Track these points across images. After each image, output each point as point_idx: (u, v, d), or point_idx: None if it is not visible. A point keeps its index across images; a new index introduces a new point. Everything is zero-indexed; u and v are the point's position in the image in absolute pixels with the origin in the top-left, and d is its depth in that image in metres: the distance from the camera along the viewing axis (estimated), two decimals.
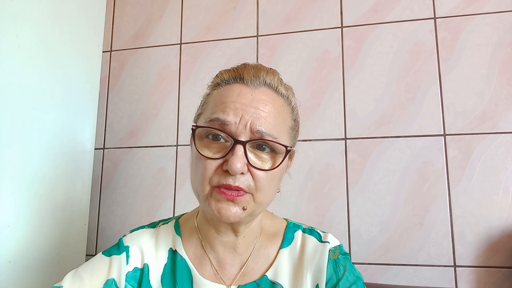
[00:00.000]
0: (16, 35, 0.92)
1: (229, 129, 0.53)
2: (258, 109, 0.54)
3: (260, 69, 0.58)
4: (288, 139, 0.58)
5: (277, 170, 0.55)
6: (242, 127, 0.52)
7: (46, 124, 1.01)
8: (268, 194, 0.56)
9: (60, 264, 1.05)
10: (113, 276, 0.59)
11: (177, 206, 1.21)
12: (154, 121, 1.28)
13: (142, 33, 1.35)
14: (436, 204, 1.03)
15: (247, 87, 0.56)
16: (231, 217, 0.53)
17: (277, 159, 0.55)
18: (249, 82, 0.56)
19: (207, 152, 0.54)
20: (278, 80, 0.59)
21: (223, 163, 0.53)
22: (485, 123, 1.04)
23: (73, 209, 1.12)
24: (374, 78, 1.13)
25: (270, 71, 0.59)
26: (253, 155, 0.54)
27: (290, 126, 0.59)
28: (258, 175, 0.53)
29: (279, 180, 0.58)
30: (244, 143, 0.52)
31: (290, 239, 0.64)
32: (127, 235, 0.65)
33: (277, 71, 0.61)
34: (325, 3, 1.21)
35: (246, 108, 0.53)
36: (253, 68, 0.58)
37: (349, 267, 0.61)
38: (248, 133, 0.52)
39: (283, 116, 0.57)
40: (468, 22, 1.09)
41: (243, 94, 0.55)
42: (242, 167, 0.51)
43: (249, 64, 0.60)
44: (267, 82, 0.57)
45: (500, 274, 0.98)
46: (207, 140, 0.55)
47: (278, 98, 0.57)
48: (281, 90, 0.58)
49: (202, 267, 0.61)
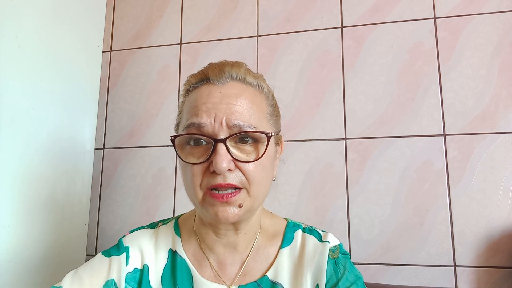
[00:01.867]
0: (16, 35, 0.92)
1: (206, 130, 0.53)
2: (230, 104, 0.53)
3: (225, 65, 0.58)
4: (269, 126, 0.58)
5: (265, 158, 0.54)
6: (218, 125, 0.52)
7: (46, 124, 1.01)
8: (262, 184, 0.55)
9: (60, 264, 1.05)
10: (113, 277, 0.59)
11: (177, 206, 1.21)
12: (154, 121, 1.28)
13: (142, 33, 1.36)
14: (436, 204, 1.03)
15: (215, 86, 0.56)
16: (230, 218, 0.53)
17: (261, 148, 0.54)
18: (215, 80, 0.56)
19: (192, 159, 0.54)
20: (245, 71, 0.59)
21: (209, 165, 0.52)
22: (485, 123, 1.04)
23: (73, 209, 1.12)
24: (374, 78, 1.13)
25: (235, 65, 0.59)
26: (236, 149, 0.53)
27: (268, 112, 0.59)
28: (246, 168, 0.53)
29: (270, 168, 0.58)
30: (224, 140, 0.52)
31: (290, 238, 0.64)
32: (127, 235, 0.65)
33: (243, 63, 0.61)
34: (325, 3, 1.21)
35: (217, 106, 0.53)
36: (217, 65, 0.58)
37: (349, 267, 0.61)
38: (226, 130, 0.52)
39: (258, 105, 0.57)
40: (468, 22, 1.09)
41: (212, 93, 0.55)
42: (227, 165, 0.51)
43: (214, 63, 0.60)
44: (233, 76, 0.57)
45: (500, 274, 0.98)
46: (189, 147, 0.55)
47: (248, 88, 0.57)
48: (249, 79, 0.58)
49: (202, 268, 0.61)
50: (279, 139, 0.63)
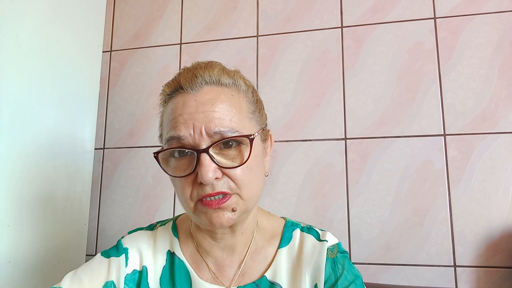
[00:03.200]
0: (16, 35, 0.92)
1: (187, 142, 0.51)
2: (206, 112, 0.51)
3: (197, 68, 0.56)
4: (251, 125, 0.56)
5: (251, 160, 0.53)
6: (198, 135, 0.51)
7: (46, 124, 1.02)
8: (253, 186, 0.54)
9: (60, 264, 1.05)
10: (112, 278, 0.59)
11: (177, 206, 1.21)
12: (154, 121, 1.28)
13: (142, 33, 1.36)
14: (436, 204, 1.03)
15: (189, 94, 0.54)
16: (225, 223, 0.52)
17: (246, 151, 0.53)
18: (189, 88, 0.54)
19: (179, 172, 0.53)
20: (219, 72, 0.56)
21: (196, 176, 0.51)
22: (485, 123, 1.04)
23: (73, 209, 1.12)
24: (374, 78, 1.13)
25: (207, 66, 0.56)
26: (221, 156, 0.52)
27: (249, 111, 0.57)
28: (234, 174, 0.52)
29: (260, 167, 0.56)
30: (206, 150, 0.50)
31: (289, 238, 0.64)
32: (126, 236, 0.65)
33: (216, 62, 0.58)
34: (325, 3, 1.21)
35: (194, 116, 0.51)
36: (189, 71, 0.56)
37: (348, 266, 0.61)
38: (207, 139, 0.51)
39: (236, 106, 0.54)
40: (468, 22, 1.09)
41: (187, 103, 0.53)
42: (213, 175, 0.50)
43: (186, 68, 0.58)
44: (207, 80, 0.54)
45: (500, 274, 0.98)
46: (174, 159, 0.54)
47: (224, 91, 0.55)
48: (224, 80, 0.55)
49: (200, 270, 0.61)
50: (266, 134, 0.61)
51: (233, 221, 0.53)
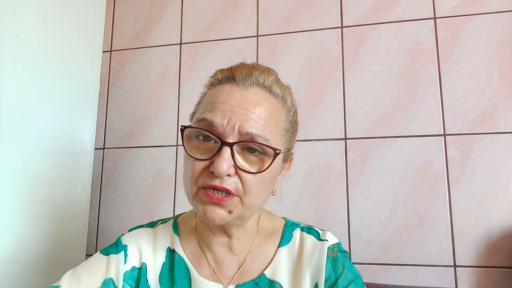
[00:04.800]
0: (16, 35, 0.92)
1: (217, 130, 0.52)
2: (247, 111, 0.52)
3: (255, 68, 0.57)
4: (281, 142, 0.56)
5: (267, 173, 0.53)
6: (229, 129, 0.51)
7: (46, 124, 1.02)
8: (257, 197, 0.54)
9: (60, 264, 1.05)
10: (111, 275, 0.59)
11: (177, 206, 1.21)
12: (154, 121, 1.28)
13: (142, 33, 1.36)
14: (436, 204, 1.03)
15: (238, 87, 0.54)
16: (217, 220, 0.52)
17: (266, 162, 0.53)
18: (240, 82, 0.54)
19: (196, 153, 0.53)
20: (274, 80, 0.57)
21: (210, 165, 0.51)
22: (485, 123, 1.04)
23: (73, 209, 1.12)
24: (374, 78, 1.13)
25: (265, 71, 0.57)
26: (241, 157, 0.52)
27: (284, 128, 0.57)
28: (245, 177, 0.52)
29: (271, 183, 0.56)
30: (231, 144, 0.50)
31: (289, 237, 0.64)
32: (125, 234, 0.65)
33: (274, 71, 0.59)
34: (325, 3, 1.21)
35: (234, 110, 0.52)
36: (247, 67, 0.57)
37: (348, 265, 0.61)
38: (236, 135, 0.51)
39: (275, 118, 0.55)
40: (468, 22, 1.09)
41: (233, 95, 0.53)
42: (227, 169, 0.50)
43: (245, 63, 0.59)
44: (259, 82, 0.55)
45: (500, 274, 0.98)
46: (197, 141, 0.54)
47: (270, 99, 0.55)
48: (275, 90, 0.56)
49: (200, 267, 0.61)
50: (289, 156, 0.61)
51: (225, 222, 0.53)
